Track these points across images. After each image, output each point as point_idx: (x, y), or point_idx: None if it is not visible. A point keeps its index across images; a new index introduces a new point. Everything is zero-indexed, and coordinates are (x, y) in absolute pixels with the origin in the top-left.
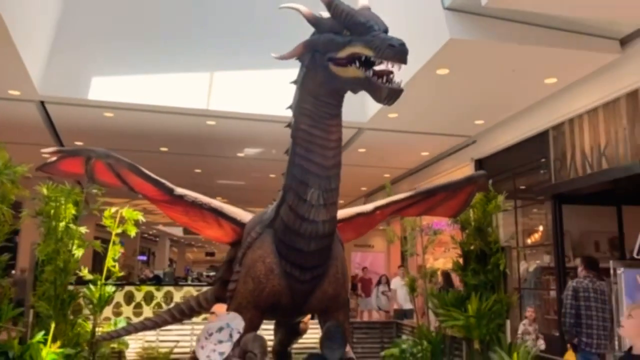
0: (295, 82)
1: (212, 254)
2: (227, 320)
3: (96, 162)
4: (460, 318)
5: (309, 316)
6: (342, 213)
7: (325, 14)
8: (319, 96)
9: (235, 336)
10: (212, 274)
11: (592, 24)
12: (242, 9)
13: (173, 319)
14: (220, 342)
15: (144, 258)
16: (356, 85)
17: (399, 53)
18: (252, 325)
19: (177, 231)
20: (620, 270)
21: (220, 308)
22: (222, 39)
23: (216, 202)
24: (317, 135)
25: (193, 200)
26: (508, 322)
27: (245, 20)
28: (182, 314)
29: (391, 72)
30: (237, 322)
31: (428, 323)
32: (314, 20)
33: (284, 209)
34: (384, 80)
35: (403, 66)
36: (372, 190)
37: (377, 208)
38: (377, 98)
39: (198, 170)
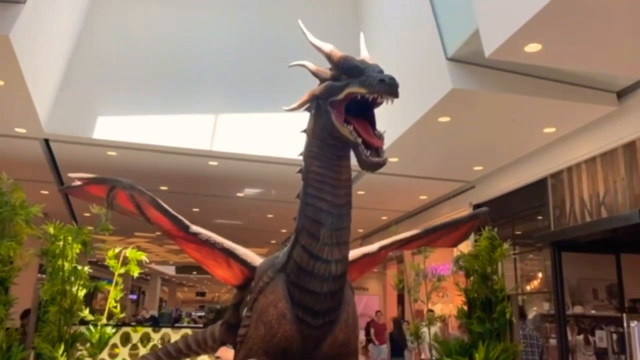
0: (304, 130)
1: (202, 294)
2: None
3: (119, 191)
4: None
5: None
6: (349, 255)
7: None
8: (324, 139)
9: None
10: (201, 314)
11: (590, 77)
12: (244, 54)
13: (169, 357)
14: None
15: (134, 297)
16: (348, 144)
17: (388, 87)
18: None
19: (170, 270)
20: (633, 324)
21: (225, 352)
22: (225, 82)
23: (229, 243)
24: (327, 175)
25: (207, 239)
26: None
27: (248, 64)
28: (179, 352)
29: (379, 147)
30: None
31: None
32: (317, 72)
33: (296, 250)
34: (368, 154)
35: (406, 113)
36: (369, 232)
37: (382, 248)
38: (360, 165)
39: (196, 210)
